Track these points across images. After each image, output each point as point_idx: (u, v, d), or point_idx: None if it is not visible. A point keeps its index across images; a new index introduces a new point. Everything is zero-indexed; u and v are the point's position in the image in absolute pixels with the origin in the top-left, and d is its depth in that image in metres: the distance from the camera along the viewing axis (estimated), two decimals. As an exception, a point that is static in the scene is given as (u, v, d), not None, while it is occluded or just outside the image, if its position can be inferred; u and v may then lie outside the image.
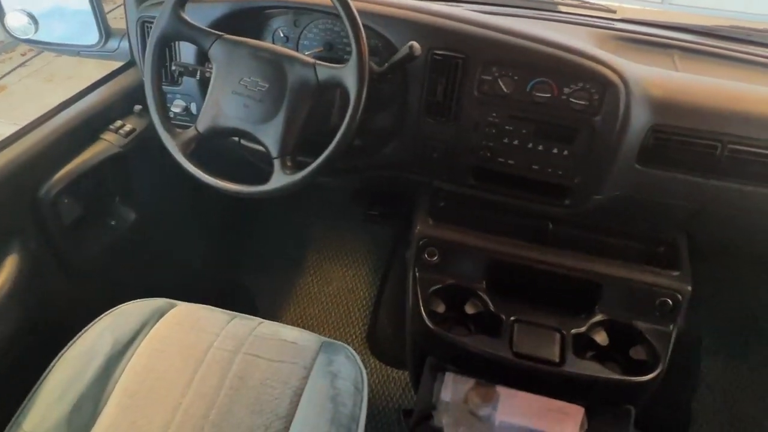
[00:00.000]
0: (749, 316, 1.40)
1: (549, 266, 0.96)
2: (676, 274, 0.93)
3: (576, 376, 0.88)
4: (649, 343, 0.91)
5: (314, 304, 1.48)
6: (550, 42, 0.86)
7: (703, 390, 1.30)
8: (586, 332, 0.93)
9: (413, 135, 0.95)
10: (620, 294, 0.94)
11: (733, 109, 0.84)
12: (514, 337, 0.91)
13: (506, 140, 0.91)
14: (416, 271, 1.00)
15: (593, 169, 0.88)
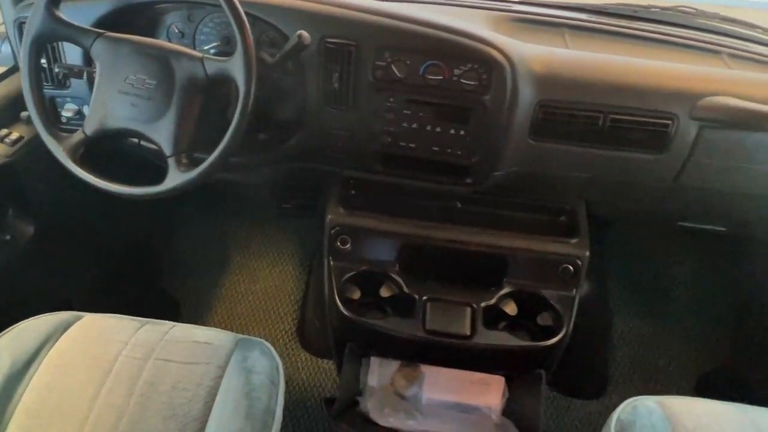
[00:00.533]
0: (653, 277, 1.49)
1: (458, 244, 0.98)
2: (575, 242, 0.98)
3: (486, 346, 0.92)
4: (554, 308, 0.96)
5: (241, 303, 1.46)
6: (439, 26, 0.88)
7: (616, 349, 1.38)
8: (496, 304, 0.96)
9: (316, 125, 0.96)
10: (525, 265, 0.98)
11: (613, 81, 0.89)
12: (426, 315, 0.94)
13: (405, 124, 0.93)
14: (330, 259, 1.00)
15: (489, 147, 0.91)
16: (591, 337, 1.39)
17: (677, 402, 0.85)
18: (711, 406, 0.85)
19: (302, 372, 1.33)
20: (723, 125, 0.86)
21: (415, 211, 1.02)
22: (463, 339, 0.92)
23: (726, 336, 1.42)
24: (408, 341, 0.94)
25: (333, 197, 1.03)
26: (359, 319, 0.95)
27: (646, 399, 0.86)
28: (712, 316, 1.44)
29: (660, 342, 1.40)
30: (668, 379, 1.34)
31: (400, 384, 1.11)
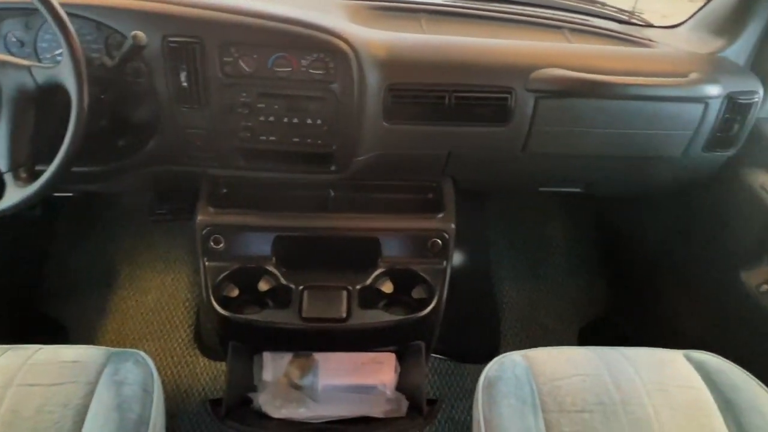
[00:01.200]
0: (531, 241, 1.60)
1: (331, 231, 1.01)
2: (441, 216, 1.03)
3: (362, 326, 0.95)
4: (426, 281, 1.01)
5: (132, 318, 1.41)
6: (282, 18, 0.89)
7: (504, 312, 1.47)
8: (372, 284, 1.00)
9: (171, 127, 0.94)
10: (397, 244, 1.02)
11: (455, 61, 0.94)
12: (303, 303, 0.96)
13: (262, 118, 0.93)
14: (204, 260, 1.00)
15: (346, 133, 0.94)
16: (479, 304, 1.47)
17: (539, 353, 0.92)
18: (569, 353, 0.93)
19: (202, 378, 1.31)
20: (554, 95, 0.94)
21: (288, 203, 1.03)
22: (339, 322, 0.94)
23: (601, 288, 1.55)
24: (287, 331, 0.95)
25: (202, 197, 1.02)
26: (235, 316, 0.95)
27: (512, 354, 0.93)
28: (587, 271, 1.56)
29: (543, 301, 1.50)
30: (553, 336, 1.44)
31: (294, 375, 1.12)
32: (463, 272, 1.41)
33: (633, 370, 0.89)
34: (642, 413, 0.83)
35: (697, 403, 0.85)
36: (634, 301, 1.44)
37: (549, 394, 0.85)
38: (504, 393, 0.85)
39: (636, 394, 0.85)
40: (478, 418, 0.84)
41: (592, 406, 0.83)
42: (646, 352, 0.93)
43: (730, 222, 1.08)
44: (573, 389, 0.85)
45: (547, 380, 0.86)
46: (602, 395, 0.84)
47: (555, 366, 0.89)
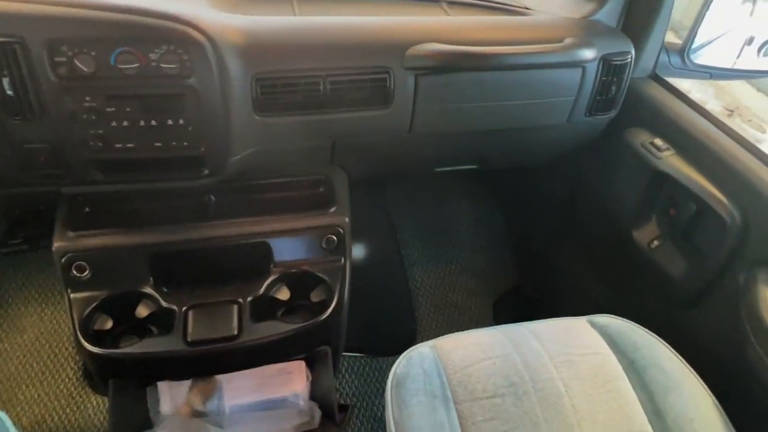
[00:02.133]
0: (438, 222, 1.58)
1: (215, 241, 0.91)
2: (334, 210, 0.96)
3: (257, 341, 0.87)
4: (325, 282, 0.94)
5: (8, 362, 1.24)
6: (118, 7, 0.78)
7: (418, 297, 1.44)
8: (265, 293, 0.92)
9: (5, 144, 0.80)
10: (289, 246, 0.95)
11: (326, 43, 0.87)
12: (188, 326, 0.86)
13: (114, 124, 0.82)
14: (69, 292, 0.87)
15: (214, 132, 0.85)
16: (391, 294, 1.43)
17: (448, 341, 0.89)
18: (478, 336, 0.90)
19: (95, 419, 1.18)
20: (433, 71, 0.89)
21: (163, 215, 0.93)
22: (230, 341, 0.86)
23: (510, 260, 1.56)
24: (173, 359, 0.85)
25: (59, 221, 0.89)
26: (108, 351, 0.83)
27: (420, 347, 0.89)
28: (494, 245, 1.57)
29: (455, 281, 1.49)
30: (468, 314, 1.43)
31: (196, 402, 1.02)
32: (371, 264, 1.36)
33: (539, 345, 0.88)
34: (552, 389, 0.82)
35: (603, 369, 0.85)
36: (541, 269, 1.46)
37: (459, 383, 0.81)
38: (413, 391, 0.80)
39: (544, 370, 0.84)
40: (389, 420, 0.79)
41: (503, 390, 0.81)
42: (552, 323, 0.93)
43: (618, 182, 1.10)
44: (483, 375, 0.82)
45: (457, 369, 0.83)
46: (512, 376, 0.82)
47: (464, 353, 0.86)
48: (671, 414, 0.80)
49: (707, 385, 0.83)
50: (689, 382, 0.84)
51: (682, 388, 0.83)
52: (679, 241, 0.99)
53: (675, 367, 0.85)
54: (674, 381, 0.83)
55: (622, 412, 0.80)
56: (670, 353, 0.87)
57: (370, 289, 1.03)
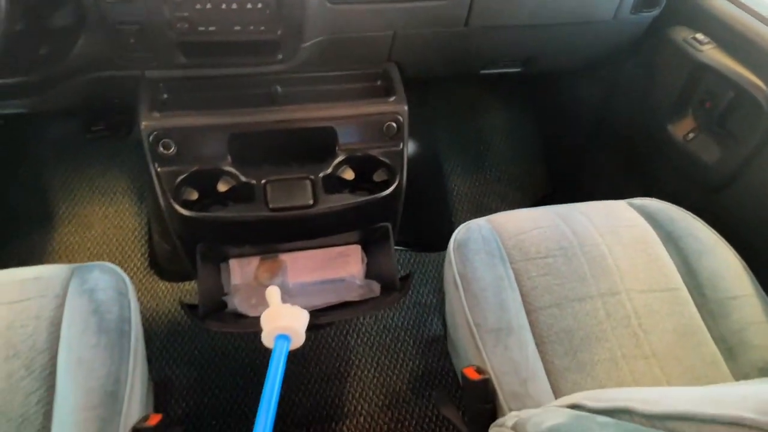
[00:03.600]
0: (477, 133, 1.65)
1: (285, 124, 0.99)
2: (393, 99, 1.04)
3: (330, 209, 0.96)
4: (386, 164, 1.02)
5: (78, 254, 1.35)
6: None
7: (454, 201, 1.53)
8: (333, 172, 1.00)
9: (98, 24, 0.87)
10: (353, 130, 1.02)
11: None
12: (268, 196, 0.95)
13: (199, 6, 0.88)
14: (156, 166, 0.96)
15: (289, 17, 0.91)
16: (431, 195, 1.52)
17: (500, 216, 0.98)
18: (527, 213, 0.99)
19: (166, 300, 1.29)
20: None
21: (235, 100, 1.00)
22: (307, 209, 0.95)
23: (545, 170, 1.64)
24: (256, 224, 0.95)
25: (143, 103, 0.97)
26: (201, 214, 0.93)
27: (476, 220, 0.98)
28: (531, 155, 1.64)
29: (491, 189, 1.57)
30: None
31: (263, 277, 1.13)
32: (416, 162, 1.44)
33: (585, 218, 0.96)
34: (597, 252, 0.91)
35: (642, 237, 0.94)
36: (575, 174, 1.54)
37: (514, 247, 0.91)
38: (474, 250, 0.90)
39: (590, 237, 0.93)
40: (453, 273, 0.89)
41: (554, 252, 0.90)
42: (595, 204, 1.01)
43: (657, 78, 1.16)
44: (535, 240, 0.91)
45: (511, 236, 0.92)
46: (561, 242, 0.92)
47: (516, 224, 0.95)
48: (704, 273, 0.90)
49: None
50: (720, 248, 0.93)
51: (713, 253, 0.92)
52: (714, 129, 1.06)
53: (707, 236, 0.94)
54: (706, 246, 0.92)
55: (659, 272, 0.90)
56: (702, 225, 0.96)
57: (414, 186, 1.11)
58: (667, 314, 0.86)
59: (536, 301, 0.85)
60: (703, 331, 0.85)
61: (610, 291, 0.86)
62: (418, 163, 1.48)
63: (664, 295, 0.88)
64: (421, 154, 1.53)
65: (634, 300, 0.86)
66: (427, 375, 1.20)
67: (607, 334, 0.83)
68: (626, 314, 0.85)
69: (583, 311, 0.84)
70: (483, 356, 0.79)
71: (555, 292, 0.85)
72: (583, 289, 0.86)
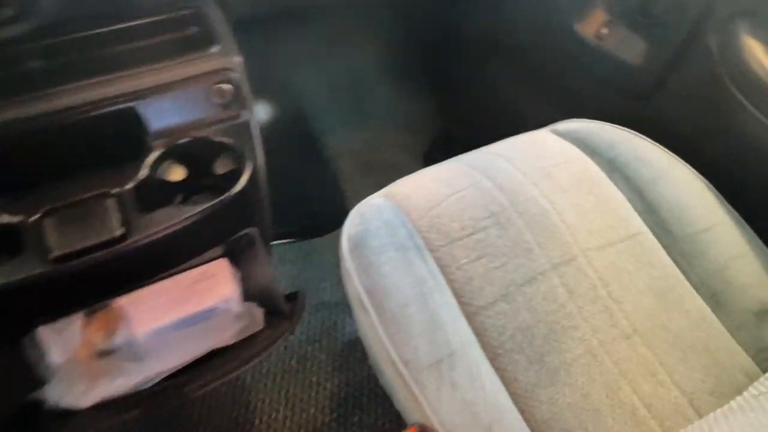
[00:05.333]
0: (348, 76, 1.34)
1: (57, 117, 0.63)
2: (218, 49, 0.71)
3: (153, 238, 0.63)
4: (229, 147, 0.71)
5: None
6: None
7: (342, 163, 1.24)
8: (149, 176, 0.67)
9: None
10: (167, 107, 0.69)
11: None
12: (47, 238, 0.60)
13: None
14: None
15: None
16: (309, 164, 1.22)
17: (401, 186, 0.72)
18: (436, 172, 0.73)
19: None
20: None
21: None
22: (114, 244, 0.62)
23: (436, 104, 1.38)
24: (34, 289, 0.60)
25: None
26: None
27: (371, 199, 0.71)
28: (418, 91, 1.38)
29: (380, 138, 1.30)
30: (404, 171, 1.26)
31: (97, 339, 0.79)
32: (273, 135, 1.13)
33: (509, 164, 0.73)
34: (536, 208, 0.68)
35: (584, 175, 0.72)
36: (473, 107, 1.30)
37: (430, 228, 0.65)
38: (378, 248, 0.63)
39: (522, 190, 0.69)
40: (355, 289, 0.63)
41: (483, 222, 0.66)
42: (513, 141, 0.78)
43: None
44: (455, 212, 0.66)
45: (423, 213, 0.67)
46: (489, 205, 0.67)
47: (425, 193, 0.69)
48: (664, 205, 0.70)
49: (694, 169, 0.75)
50: (675, 168, 0.74)
51: (669, 176, 0.73)
52: (634, 18, 0.86)
53: (657, 157, 0.75)
54: (659, 170, 0.73)
55: (614, 216, 0.69)
56: (648, 144, 0.76)
57: (280, 162, 0.82)
58: (636, 270, 0.66)
59: (475, 298, 0.61)
60: (680, 280, 0.67)
61: (564, 258, 0.65)
62: (279, 130, 1.17)
63: (626, 245, 0.67)
64: (281, 118, 1.21)
65: (595, 262, 0.65)
66: (352, 394, 0.95)
67: (575, 318, 0.61)
68: (591, 284, 0.64)
69: (538, 296, 0.62)
70: (425, 408, 0.54)
71: (497, 280, 0.62)
72: (532, 264, 0.63)
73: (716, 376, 0.60)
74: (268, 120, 1.17)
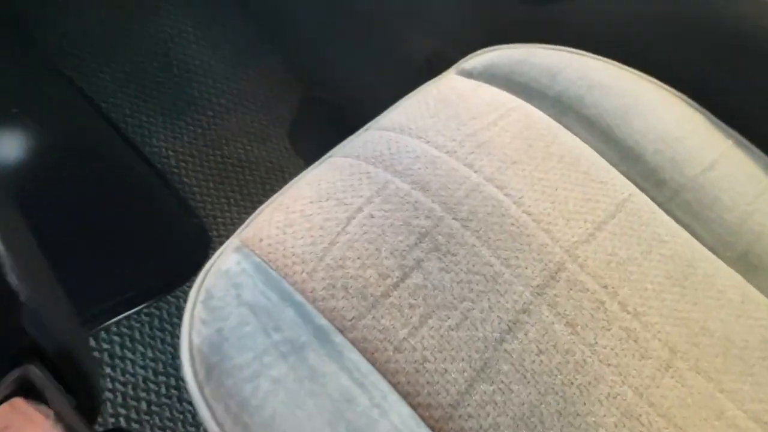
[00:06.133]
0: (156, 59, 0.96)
1: None
2: None
3: None
4: None
5: None
6: None
7: (185, 178, 0.89)
8: None
9: None
10: None
11: None
12: None
13: None
14: None
15: None
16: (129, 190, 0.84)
17: (264, 222, 0.43)
18: (308, 187, 0.45)
19: None
20: None
21: None
22: None
23: (274, 67, 1.05)
24: None
25: None
26: None
27: (219, 258, 0.42)
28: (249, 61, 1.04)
29: (218, 133, 0.96)
30: (262, 167, 0.94)
31: None
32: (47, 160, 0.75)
33: (419, 142, 0.47)
34: (486, 204, 0.43)
35: (530, 132, 0.48)
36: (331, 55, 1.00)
37: (332, 291, 0.38)
38: (249, 369, 0.35)
39: (456, 180, 0.44)
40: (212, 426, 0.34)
41: (413, 254, 0.40)
42: (413, 101, 0.52)
43: None
44: (363, 248, 0.40)
45: (312, 267, 0.39)
46: (414, 221, 0.41)
47: (306, 228, 0.41)
48: (646, 146, 0.49)
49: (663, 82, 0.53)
50: (644, 90, 0.52)
51: (640, 103, 0.51)
52: None
53: (616, 79, 0.53)
54: (626, 97, 0.51)
55: (590, 180, 0.47)
56: (600, 63, 0.53)
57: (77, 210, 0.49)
58: (643, 254, 0.44)
59: (440, 392, 0.36)
60: (697, 249, 0.46)
61: (548, 272, 0.41)
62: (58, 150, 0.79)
63: (618, 221, 0.45)
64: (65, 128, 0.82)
65: (589, 261, 0.42)
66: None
67: (592, 366, 0.38)
68: (595, 300, 0.41)
69: (530, 351, 0.38)
70: None
71: (463, 347, 0.37)
72: (506, 300, 0.39)
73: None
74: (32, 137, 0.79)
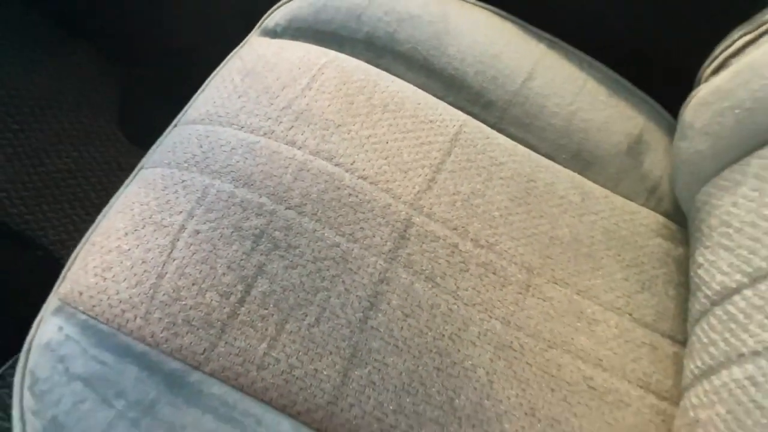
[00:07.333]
0: None
1: None
2: None
3: None
4: None
5: None
6: None
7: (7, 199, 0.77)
8: None
9: None
10: None
11: None
12: None
13: None
14: None
15: None
16: None
17: (81, 270, 0.38)
18: (117, 215, 0.40)
19: None
20: None
21: None
22: None
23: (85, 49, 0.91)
24: None
25: None
26: None
27: (41, 330, 0.37)
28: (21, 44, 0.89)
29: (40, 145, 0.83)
30: (82, 181, 0.84)
31: None
32: None
33: (230, 129, 0.42)
34: (318, 180, 0.41)
35: (349, 87, 0.45)
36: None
37: (178, 343, 0.35)
38: (80, 428, 0.32)
39: (280, 165, 0.41)
40: None
41: (252, 259, 0.37)
42: (215, 83, 0.46)
43: None
44: (198, 273, 0.36)
45: (153, 310, 0.35)
46: (245, 223, 0.38)
47: (127, 267, 0.37)
48: (466, 69, 0.48)
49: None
50: (452, 10, 0.50)
51: (451, 26, 0.49)
52: None
53: (418, 4, 0.50)
54: (435, 23, 0.49)
55: (421, 122, 0.45)
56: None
57: None
58: (485, 182, 0.44)
59: (316, 396, 0.35)
60: (534, 161, 0.47)
61: (396, 233, 0.40)
62: None
63: (456, 158, 0.45)
64: None
65: (435, 209, 0.42)
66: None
67: (458, 311, 0.39)
68: (448, 245, 0.41)
69: (397, 316, 0.37)
70: None
71: (327, 343, 0.36)
72: (362, 274, 0.38)
73: (633, 260, 0.45)
74: None
